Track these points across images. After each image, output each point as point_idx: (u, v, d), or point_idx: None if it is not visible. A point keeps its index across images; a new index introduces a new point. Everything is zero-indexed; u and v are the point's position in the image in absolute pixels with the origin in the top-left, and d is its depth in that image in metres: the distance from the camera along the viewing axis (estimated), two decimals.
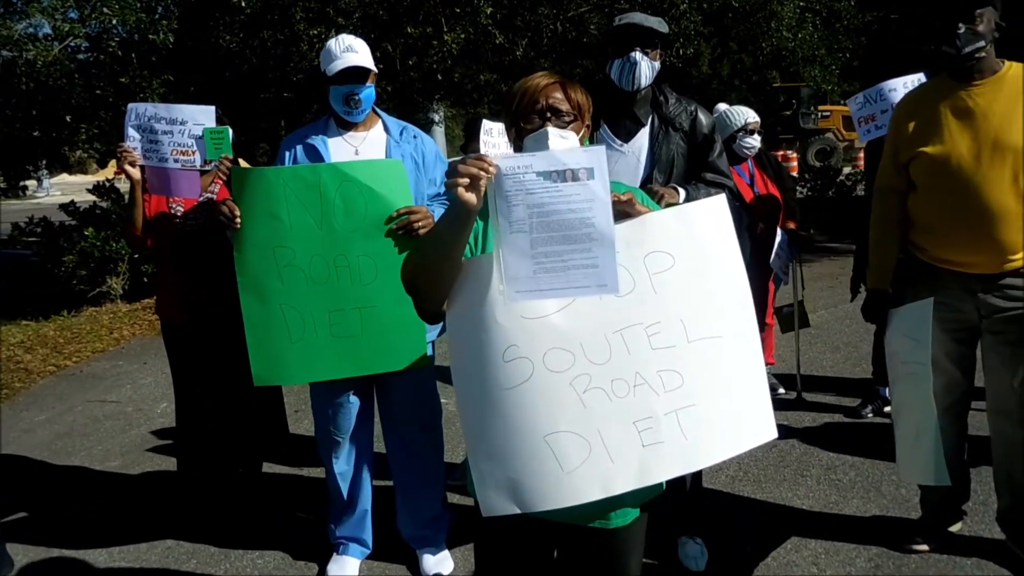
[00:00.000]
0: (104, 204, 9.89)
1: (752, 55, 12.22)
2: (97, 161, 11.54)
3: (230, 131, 3.32)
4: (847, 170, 16.61)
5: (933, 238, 2.94)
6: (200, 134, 3.26)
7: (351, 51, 2.99)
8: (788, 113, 23.59)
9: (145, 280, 9.14)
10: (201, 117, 3.29)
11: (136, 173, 3.36)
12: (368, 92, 3.02)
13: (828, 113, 23.87)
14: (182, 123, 3.27)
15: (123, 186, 11.29)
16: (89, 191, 10.28)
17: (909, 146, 2.91)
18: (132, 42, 8.68)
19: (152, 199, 3.48)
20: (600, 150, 1.54)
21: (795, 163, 19.96)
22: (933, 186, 2.88)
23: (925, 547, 3.17)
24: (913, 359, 2.90)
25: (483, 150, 3.85)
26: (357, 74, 2.97)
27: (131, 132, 3.32)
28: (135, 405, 5.75)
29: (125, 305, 8.94)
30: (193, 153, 3.28)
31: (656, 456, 1.67)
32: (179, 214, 3.49)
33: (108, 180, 10.09)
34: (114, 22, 8.36)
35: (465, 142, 4.75)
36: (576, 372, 1.65)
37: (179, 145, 3.28)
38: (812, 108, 23.75)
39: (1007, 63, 2.79)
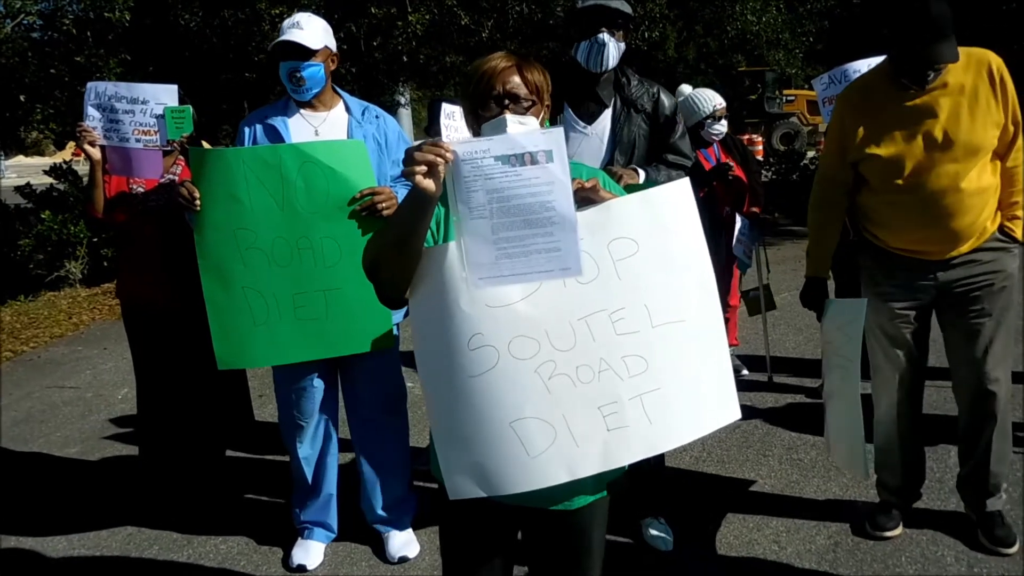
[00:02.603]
0: (61, 186, 9.69)
1: (717, 39, 12.26)
2: (54, 142, 11.30)
3: (192, 110, 3.26)
4: (811, 154, 16.74)
5: (888, 231, 2.99)
6: (162, 113, 3.20)
7: (296, 27, 2.95)
8: (753, 97, 23.76)
9: (105, 264, 8.99)
10: (163, 96, 3.22)
11: (96, 153, 3.29)
12: (312, 70, 2.97)
13: (793, 97, 24.08)
14: (144, 102, 3.21)
15: (81, 168, 11.09)
16: (46, 173, 10.07)
17: (858, 146, 2.92)
18: (87, 20, 8.49)
19: (112, 179, 3.42)
20: (558, 132, 1.53)
21: (760, 147, 20.16)
22: (886, 187, 2.91)
23: (896, 532, 3.20)
24: (843, 353, 2.98)
25: (444, 134, 3.82)
26: (297, 50, 2.93)
27: (91, 111, 3.25)
28: (95, 391, 5.66)
29: (84, 289, 8.79)
30: (155, 133, 3.21)
31: (621, 440, 1.68)
32: (140, 194, 3.43)
33: (65, 162, 9.89)
34: None
35: (429, 123, 4.70)
36: (541, 359, 1.64)
37: (141, 124, 3.22)
38: (777, 92, 23.94)
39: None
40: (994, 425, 3.03)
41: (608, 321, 1.66)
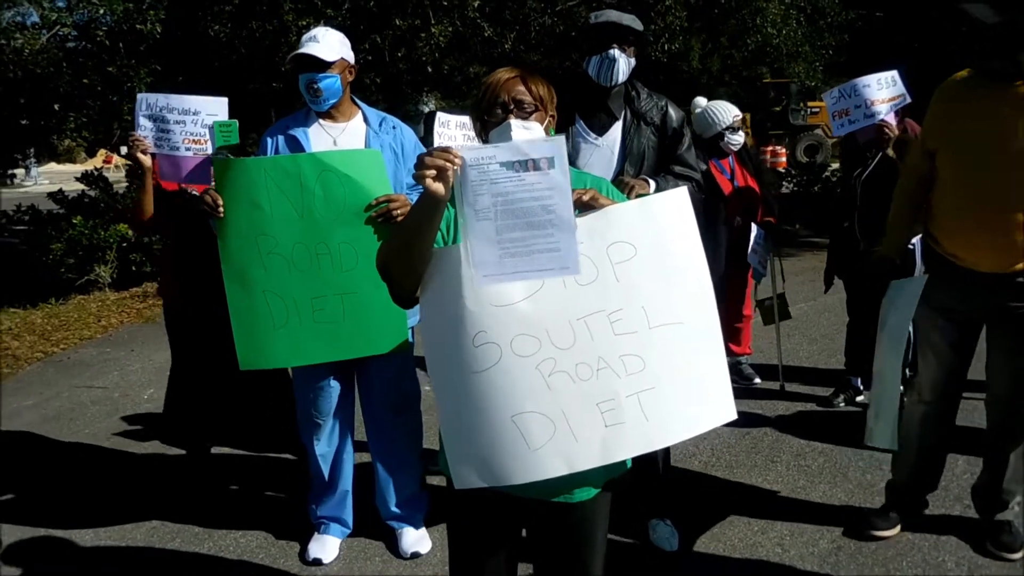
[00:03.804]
0: (93, 193, 9.93)
1: (740, 51, 12.30)
2: (85, 150, 11.57)
3: (237, 124, 3.42)
4: (834, 165, 16.69)
5: (946, 232, 3.00)
6: (211, 125, 3.37)
7: (313, 41, 3.07)
8: (778, 109, 23.71)
9: (133, 269, 9.19)
10: (214, 108, 3.43)
11: (147, 161, 3.46)
12: (329, 82, 3.07)
13: (817, 109, 23.96)
14: (195, 114, 3.41)
15: (111, 175, 11.34)
16: (78, 179, 10.32)
17: (937, 136, 2.97)
18: (120, 31, 8.71)
19: (163, 185, 3.59)
20: (560, 140, 1.62)
21: (784, 158, 20.14)
22: (951, 181, 2.94)
23: (889, 533, 3.27)
24: (893, 333, 3.06)
25: (437, 140, 3.95)
26: (313, 63, 3.04)
27: (142, 121, 3.45)
28: (122, 391, 5.81)
29: (113, 293, 8.98)
30: (205, 142, 3.40)
31: (618, 436, 1.75)
32: (193, 198, 3.59)
33: (96, 169, 10.13)
34: (101, 11, 8.40)
35: (424, 135, 4.82)
36: (542, 356, 1.72)
37: (191, 135, 3.42)
38: (801, 104, 23.87)
39: None
40: (1014, 444, 3.06)
41: (607, 321, 1.74)
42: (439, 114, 4.07)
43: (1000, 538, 3.12)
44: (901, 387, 3.17)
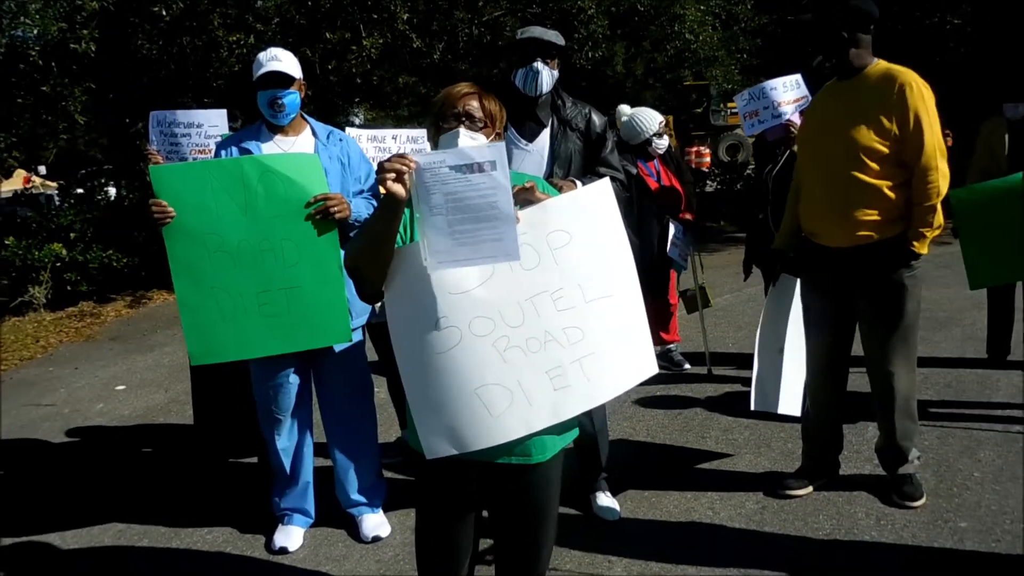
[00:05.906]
0: (27, 212, 9.82)
1: (661, 55, 12.79)
2: (3, 172, 11.36)
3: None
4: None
5: (804, 213, 3.48)
6: (216, 135, 3.66)
7: (275, 59, 3.29)
8: (699, 111, 24.41)
9: (68, 288, 9.13)
10: (215, 119, 3.74)
11: None
12: (292, 97, 3.31)
13: (736, 110, 24.70)
14: (199, 126, 3.72)
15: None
16: (9, 200, 10.19)
17: (800, 131, 3.61)
18: (53, 51, 8.66)
19: None
20: (501, 146, 1.88)
21: (708, 158, 20.79)
22: (804, 167, 3.47)
23: (800, 491, 3.64)
24: (773, 321, 3.77)
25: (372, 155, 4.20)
26: (279, 79, 3.26)
27: (154, 136, 3.73)
28: (71, 407, 5.86)
29: (49, 314, 8.92)
30: (209, 152, 3.64)
31: (566, 397, 2.03)
32: None
33: (25, 189, 10.02)
34: (34, 32, 8.35)
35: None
36: (497, 335, 1.99)
37: (197, 145, 3.73)
38: (721, 105, 24.63)
39: (877, 62, 3.26)
40: (894, 405, 3.45)
41: (550, 300, 2.02)
42: (350, 130, 4.32)
43: (903, 489, 3.50)
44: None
